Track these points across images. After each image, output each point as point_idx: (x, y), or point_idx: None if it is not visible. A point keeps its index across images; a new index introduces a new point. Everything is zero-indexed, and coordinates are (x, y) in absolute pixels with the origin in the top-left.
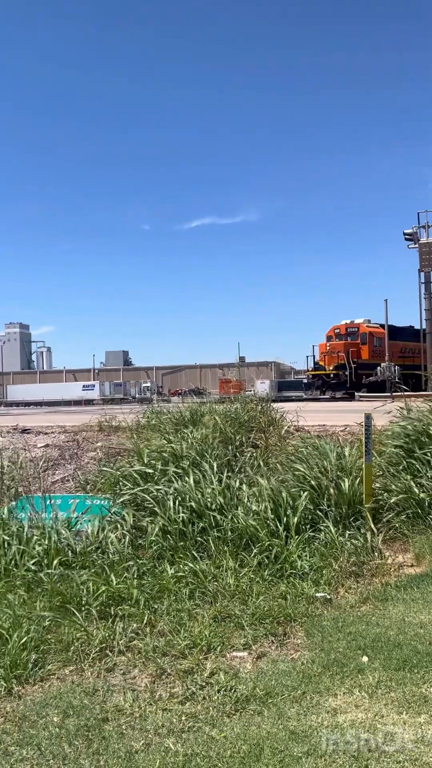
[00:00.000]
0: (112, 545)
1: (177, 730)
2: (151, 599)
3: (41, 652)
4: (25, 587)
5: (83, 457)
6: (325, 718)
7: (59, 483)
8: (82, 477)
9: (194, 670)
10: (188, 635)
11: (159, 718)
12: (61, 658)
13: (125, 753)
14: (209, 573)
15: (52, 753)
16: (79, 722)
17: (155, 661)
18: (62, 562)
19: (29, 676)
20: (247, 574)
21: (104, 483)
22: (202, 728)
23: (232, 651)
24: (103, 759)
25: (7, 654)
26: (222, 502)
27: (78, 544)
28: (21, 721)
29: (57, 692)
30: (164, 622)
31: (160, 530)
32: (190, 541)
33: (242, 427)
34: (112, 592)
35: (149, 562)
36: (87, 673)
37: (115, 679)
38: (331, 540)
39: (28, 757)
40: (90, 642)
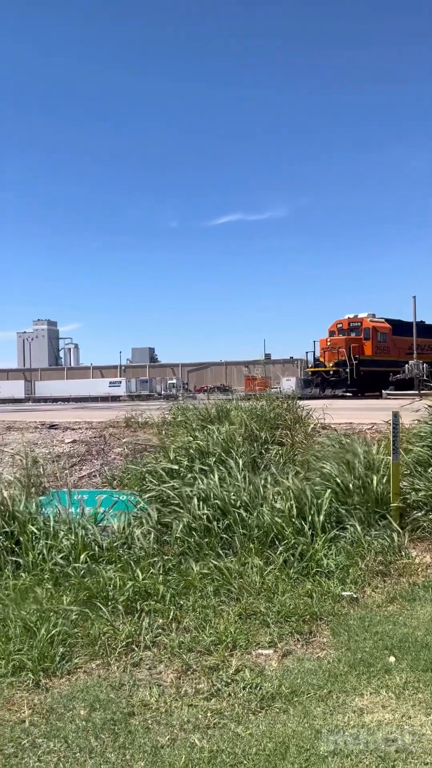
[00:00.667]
0: (138, 541)
1: (202, 726)
2: (176, 595)
3: (68, 646)
4: (53, 581)
5: (110, 453)
6: (351, 718)
7: (86, 478)
8: (109, 473)
9: (219, 666)
10: (213, 632)
11: (185, 713)
12: (87, 652)
13: (151, 747)
14: (234, 570)
15: (79, 746)
16: (106, 716)
17: (181, 656)
18: (89, 556)
19: (56, 669)
20: (272, 572)
21: (130, 479)
22: (228, 725)
23: (257, 648)
24: (129, 753)
25: (35, 647)
26: (247, 499)
27: (104, 539)
28: (48, 713)
29: (84, 686)
30: (190, 618)
31: (185, 527)
32: (216, 538)
33: (268, 424)
34: (138, 588)
35: (175, 559)
36: (113, 667)
37: (141, 674)
38: (357, 539)
39: (56, 749)
40: (116, 636)
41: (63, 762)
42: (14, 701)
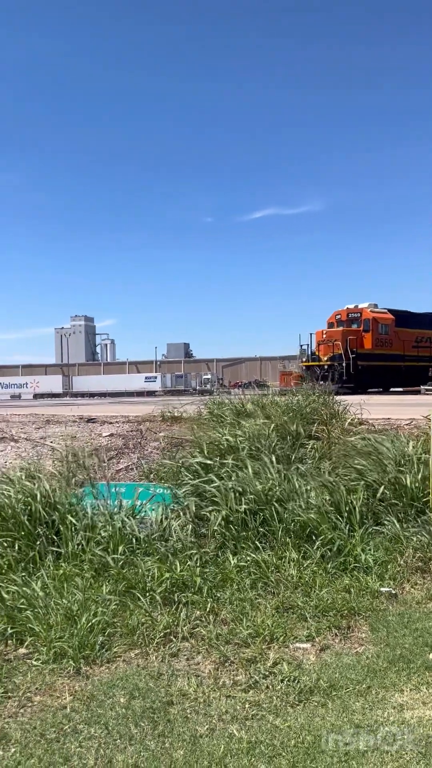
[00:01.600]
0: (175, 533)
1: (241, 717)
2: (213, 588)
3: (107, 635)
4: (93, 571)
5: (146, 447)
6: (391, 714)
7: (123, 471)
8: (146, 466)
9: (257, 659)
10: (251, 624)
11: (223, 704)
12: (126, 642)
13: (190, 737)
14: (271, 564)
15: (119, 733)
16: (145, 704)
17: (218, 648)
18: (127, 548)
19: (96, 657)
20: (309, 566)
21: (166, 472)
22: (266, 717)
23: (294, 642)
24: (169, 741)
25: (75, 635)
26: (282, 493)
27: (142, 531)
28: (89, 700)
29: (123, 674)
30: (227, 610)
31: (222, 520)
32: (252, 532)
33: (304, 419)
34: (176, 579)
35: (212, 551)
36: (152, 657)
37: (179, 664)
38: (395, 534)
39: (96, 735)
40: (154, 627)
41: (104, 748)
42: (56, 687)
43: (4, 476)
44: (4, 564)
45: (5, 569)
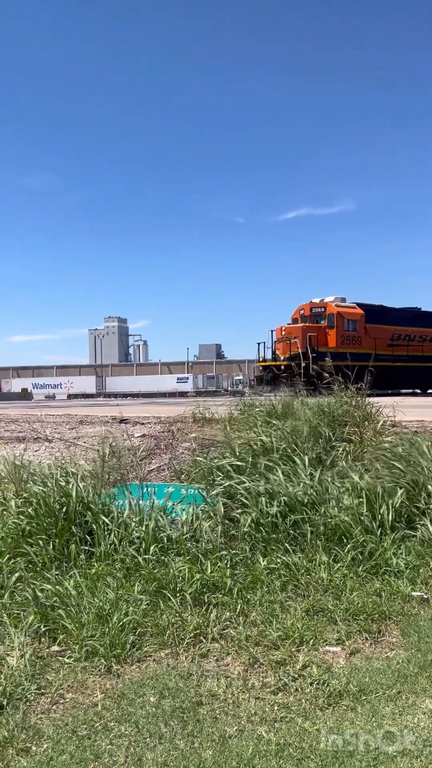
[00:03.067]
0: (206, 534)
1: (269, 719)
2: (243, 589)
3: (138, 634)
4: (124, 571)
5: (178, 448)
6: (421, 720)
7: (155, 472)
8: (177, 467)
9: (286, 661)
10: (280, 627)
11: (252, 705)
12: (156, 641)
13: (219, 737)
14: (301, 566)
15: (149, 731)
16: (175, 704)
17: (248, 650)
18: (158, 548)
19: (127, 656)
20: (340, 569)
21: (197, 473)
22: (295, 719)
23: (324, 645)
24: (198, 741)
25: (107, 634)
26: (314, 496)
27: (173, 532)
28: (120, 698)
29: (153, 673)
30: (257, 612)
31: (252, 522)
32: (283, 534)
33: (335, 421)
34: (206, 580)
35: (242, 553)
36: (182, 657)
37: (209, 665)
38: (428, 539)
39: (126, 733)
40: (185, 627)
41: (134, 746)
42: (87, 685)
43: (40, 476)
44: (39, 562)
45: (40, 567)
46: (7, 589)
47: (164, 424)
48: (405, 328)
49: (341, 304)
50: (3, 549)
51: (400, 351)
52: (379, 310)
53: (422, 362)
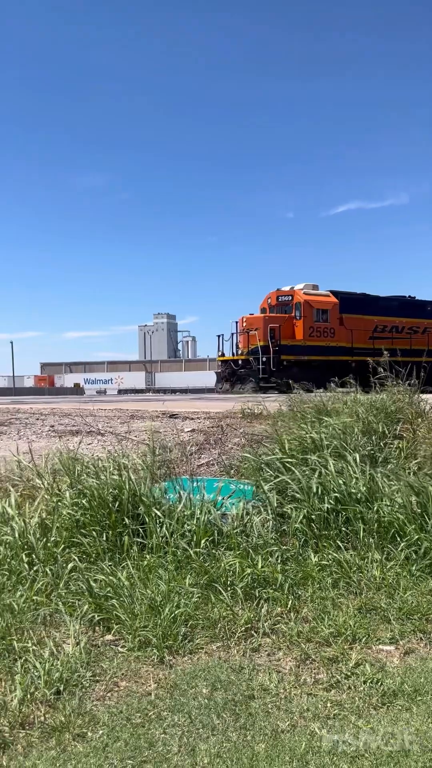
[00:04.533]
0: (256, 529)
1: (322, 715)
2: (294, 585)
3: (190, 627)
4: (175, 563)
5: (227, 443)
6: None
7: (204, 466)
8: (226, 462)
9: (339, 658)
10: (332, 624)
11: (304, 701)
12: (208, 634)
13: (271, 731)
14: (354, 564)
15: (202, 722)
16: (227, 696)
17: (299, 645)
18: (209, 541)
19: (179, 647)
20: (393, 568)
21: (247, 468)
22: (348, 717)
23: (377, 644)
24: (250, 734)
25: (159, 625)
26: (366, 492)
27: (223, 526)
28: (172, 689)
29: (205, 665)
30: (308, 608)
31: (304, 518)
32: (335, 531)
33: (388, 417)
34: (257, 575)
35: (292, 549)
36: (233, 650)
37: (260, 660)
38: None
39: (179, 723)
40: (235, 621)
41: (187, 736)
42: (141, 674)
43: (94, 468)
44: (93, 553)
45: (93, 558)
46: (62, 578)
47: (213, 420)
48: (391, 319)
49: (311, 292)
50: (58, 539)
51: (384, 344)
52: (358, 298)
53: (411, 356)
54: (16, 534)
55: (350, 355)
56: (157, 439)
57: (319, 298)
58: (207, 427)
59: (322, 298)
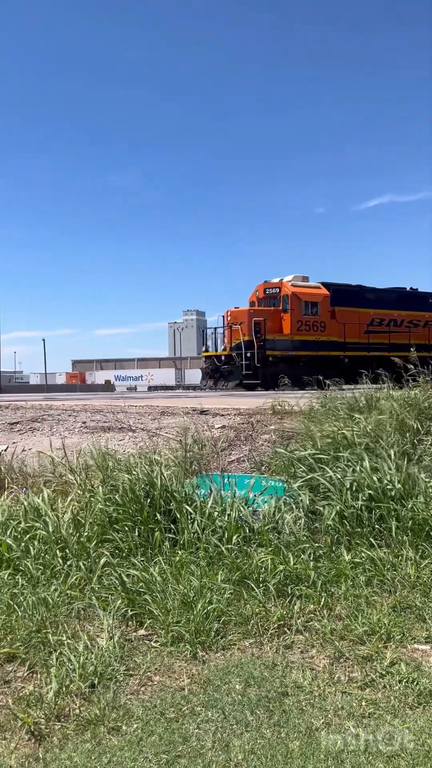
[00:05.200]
0: (288, 526)
1: (357, 714)
2: (327, 582)
3: (222, 623)
4: (207, 559)
5: (257, 439)
6: None
7: (235, 463)
8: (257, 458)
9: (373, 657)
10: (366, 622)
11: (338, 699)
12: (240, 631)
13: (305, 729)
14: (387, 562)
15: (236, 718)
16: (260, 693)
17: (333, 643)
18: (240, 538)
19: (212, 643)
20: (428, 566)
21: (278, 465)
22: (383, 716)
23: (413, 643)
24: (284, 731)
25: (192, 620)
26: (400, 490)
27: (255, 523)
28: (206, 684)
29: (238, 662)
30: (341, 606)
31: (336, 515)
32: (368, 528)
33: (422, 414)
34: (290, 572)
35: (325, 546)
36: (266, 647)
37: (294, 657)
38: None
39: (213, 719)
40: (268, 618)
41: (221, 732)
42: (174, 669)
43: (125, 464)
44: (125, 548)
45: (126, 553)
46: (95, 573)
47: (244, 416)
48: (388, 312)
49: (299, 284)
50: (91, 535)
51: (380, 338)
52: (352, 290)
53: (410, 351)
54: (50, 528)
55: (342, 351)
56: (188, 436)
57: (309, 290)
58: (237, 423)
59: (312, 290)
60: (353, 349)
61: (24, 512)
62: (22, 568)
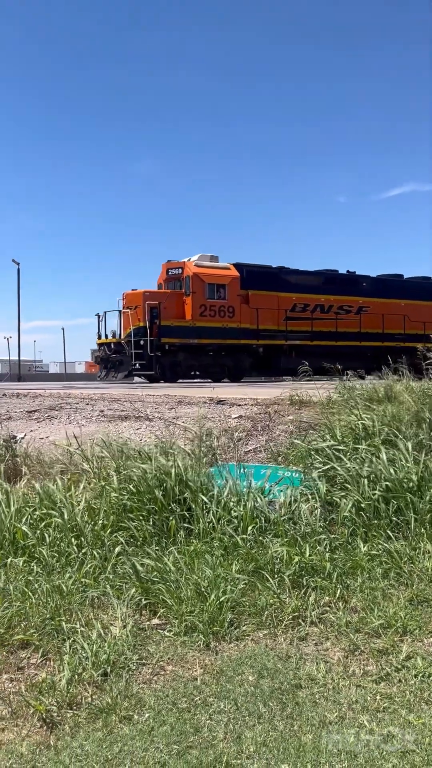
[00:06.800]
0: (304, 517)
1: (371, 708)
2: (342, 574)
3: (236, 613)
4: (222, 549)
5: (274, 430)
6: None
7: (251, 453)
8: (274, 449)
9: (389, 650)
10: (382, 615)
11: (352, 693)
12: (254, 621)
13: (319, 722)
14: (404, 554)
15: (248, 710)
16: (273, 685)
17: (348, 636)
18: (256, 528)
19: (225, 634)
20: None
21: (295, 455)
22: (398, 711)
23: (429, 637)
24: (297, 724)
25: (205, 611)
26: (418, 482)
27: (271, 513)
28: (218, 675)
29: (251, 653)
30: (357, 598)
31: (353, 506)
32: (385, 520)
33: None
34: (305, 563)
35: (342, 538)
36: (280, 639)
37: (308, 649)
38: None
39: (225, 710)
40: (282, 609)
41: (233, 723)
42: (187, 659)
43: (141, 453)
44: (139, 537)
45: (140, 542)
46: (109, 561)
47: (261, 406)
48: (315, 297)
49: (204, 264)
50: (106, 523)
51: (301, 326)
52: (269, 272)
53: (337, 340)
54: (65, 516)
55: (256, 339)
56: (204, 425)
57: (215, 271)
58: (254, 413)
59: (219, 271)
60: (267, 337)
61: (39, 500)
62: (37, 555)
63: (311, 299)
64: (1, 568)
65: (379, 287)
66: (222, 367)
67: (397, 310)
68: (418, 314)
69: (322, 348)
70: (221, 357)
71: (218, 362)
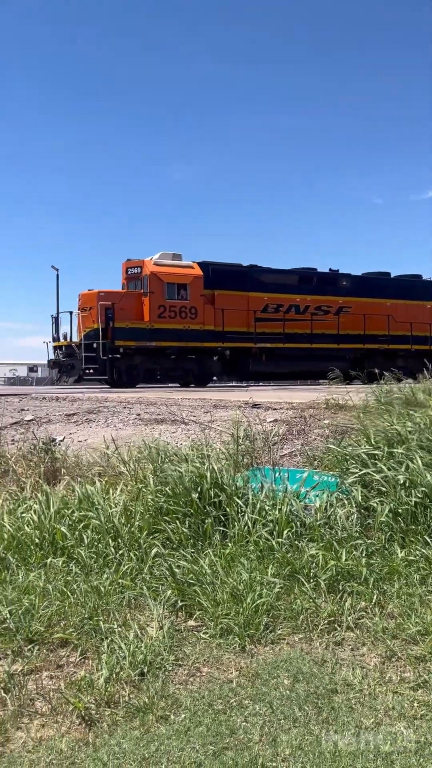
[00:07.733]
0: (340, 521)
1: (408, 715)
2: (379, 580)
3: (272, 617)
4: (257, 553)
5: (310, 434)
6: None
7: (287, 457)
8: (309, 453)
9: (426, 658)
10: (420, 621)
11: (389, 699)
12: (290, 625)
13: (355, 727)
14: None
15: (283, 713)
16: (309, 689)
17: (384, 642)
18: (291, 532)
19: (261, 637)
20: None
21: (331, 460)
22: None
23: None
24: (333, 729)
25: (241, 613)
26: None
27: (306, 517)
28: (254, 678)
29: (287, 656)
30: (394, 604)
31: (390, 512)
32: (422, 526)
33: None
34: (341, 568)
35: (378, 543)
36: (315, 643)
37: (344, 654)
38: None
39: (260, 713)
40: (318, 614)
41: (268, 726)
42: (222, 661)
43: (177, 456)
44: (175, 540)
45: (176, 545)
46: (146, 563)
47: (296, 410)
48: (289, 297)
49: (164, 262)
50: (142, 525)
51: (272, 327)
52: (238, 271)
53: (312, 342)
54: (102, 518)
55: (221, 341)
56: (240, 429)
57: (175, 270)
58: (290, 417)
59: (180, 270)
60: (234, 339)
61: (78, 501)
62: (75, 556)
63: (285, 299)
64: (42, 568)
65: (361, 286)
66: (186, 370)
67: (380, 310)
68: (404, 314)
69: (296, 351)
70: (185, 360)
71: (181, 366)
